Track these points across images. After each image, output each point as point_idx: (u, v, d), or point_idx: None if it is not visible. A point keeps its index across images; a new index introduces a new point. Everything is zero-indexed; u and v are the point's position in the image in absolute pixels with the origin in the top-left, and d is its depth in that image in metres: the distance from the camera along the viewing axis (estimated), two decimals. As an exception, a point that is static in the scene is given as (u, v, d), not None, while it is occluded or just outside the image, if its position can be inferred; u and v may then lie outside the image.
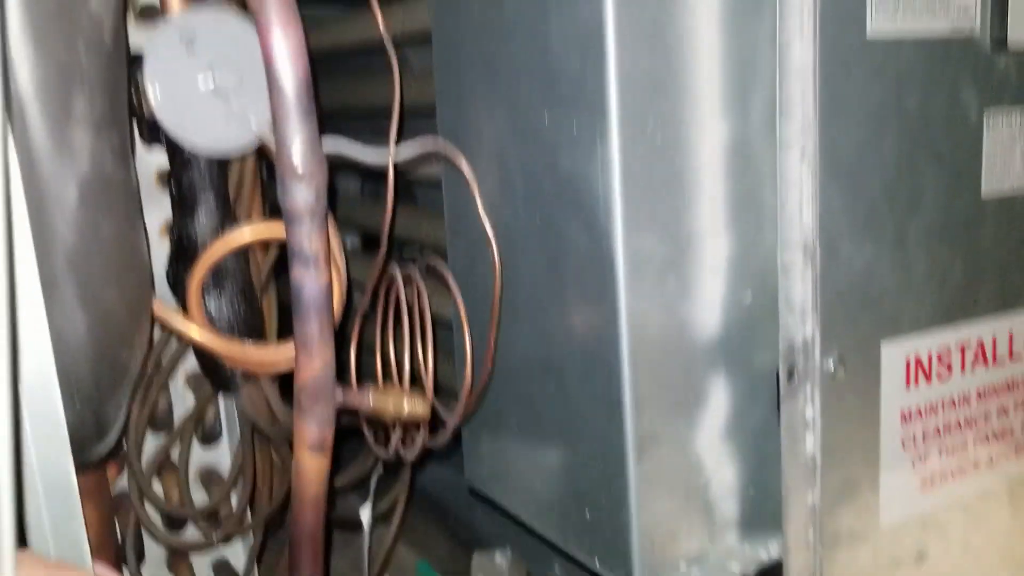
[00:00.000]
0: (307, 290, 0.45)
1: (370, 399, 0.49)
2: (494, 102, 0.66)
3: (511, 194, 0.65)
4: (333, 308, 0.49)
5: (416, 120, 0.81)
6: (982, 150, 0.66)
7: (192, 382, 0.77)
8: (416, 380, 0.62)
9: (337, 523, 1.01)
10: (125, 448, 0.72)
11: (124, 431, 0.66)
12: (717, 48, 0.58)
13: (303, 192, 0.44)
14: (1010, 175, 0.67)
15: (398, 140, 0.64)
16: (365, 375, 0.66)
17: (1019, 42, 0.65)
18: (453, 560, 1.03)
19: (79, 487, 0.41)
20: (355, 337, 0.63)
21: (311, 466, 0.47)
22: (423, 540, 1.13)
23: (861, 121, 0.60)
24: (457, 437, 0.69)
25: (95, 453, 0.57)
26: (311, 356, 0.46)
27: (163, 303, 0.57)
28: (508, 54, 0.63)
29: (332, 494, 0.49)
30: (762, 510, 0.65)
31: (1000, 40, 0.64)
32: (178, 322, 0.56)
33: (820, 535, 0.63)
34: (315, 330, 0.46)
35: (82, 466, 0.55)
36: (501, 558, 0.93)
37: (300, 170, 0.43)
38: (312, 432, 0.46)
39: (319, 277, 0.45)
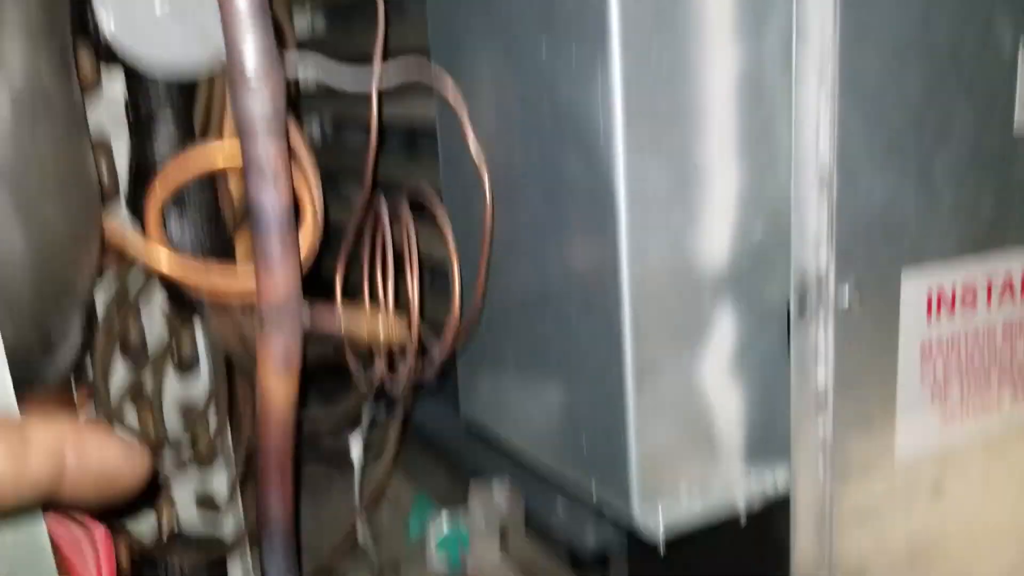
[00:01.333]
0: (265, 206, 0.44)
1: (341, 322, 0.49)
2: (489, 33, 0.63)
3: (508, 127, 0.63)
4: (296, 225, 0.48)
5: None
6: (1016, 83, 0.62)
7: (167, 309, 0.77)
8: (404, 314, 0.62)
9: (332, 459, 1.03)
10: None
11: (90, 357, 0.67)
12: (729, -32, 0.55)
13: (256, 101, 0.43)
14: (1048, 105, 0.63)
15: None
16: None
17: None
18: (452, 493, 1.05)
19: (42, 411, 0.41)
20: (340, 270, 0.62)
21: (277, 388, 0.47)
22: (421, 475, 1.15)
23: (885, 48, 0.57)
24: (449, 371, 0.70)
25: (45, 371, 0.57)
26: (272, 275, 0.45)
27: (120, 226, 0.57)
28: (504, -19, 0.61)
29: (301, 418, 0.49)
30: (769, 441, 0.65)
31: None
32: (135, 244, 0.56)
33: (830, 467, 0.63)
34: (276, 248, 0.45)
35: (38, 385, 0.56)
36: (498, 488, 0.95)
37: (252, 78, 0.42)
38: (276, 353, 0.46)
39: (278, 192, 0.44)
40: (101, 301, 0.70)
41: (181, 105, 0.61)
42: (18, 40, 0.46)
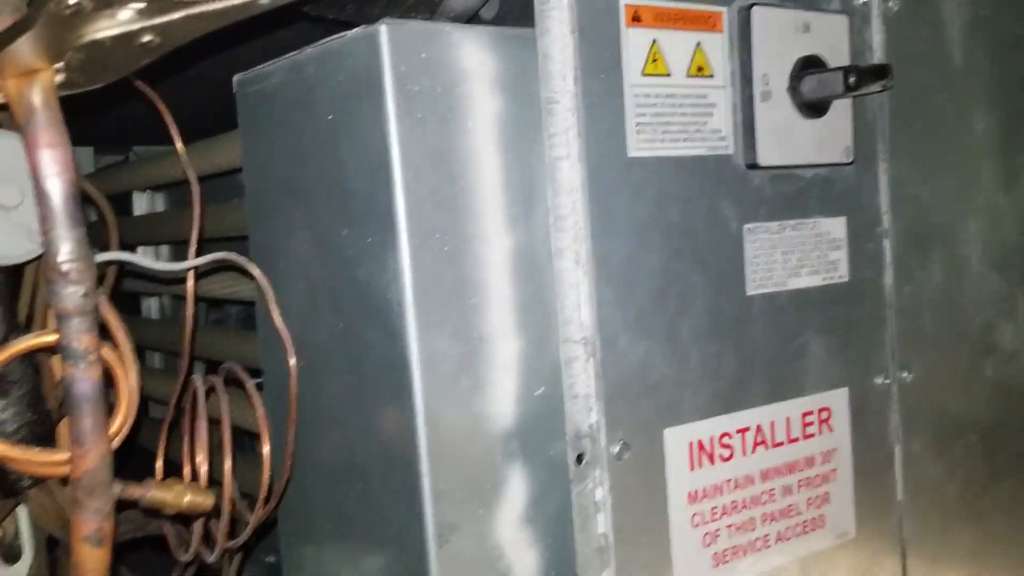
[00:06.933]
0: (77, 386, 0.48)
1: (150, 491, 0.51)
2: (298, 222, 0.71)
3: (316, 306, 0.70)
4: (106, 403, 0.52)
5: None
6: (744, 256, 0.74)
7: None
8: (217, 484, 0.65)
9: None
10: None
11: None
12: (498, 167, 0.65)
13: (71, 293, 0.47)
14: (772, 278, 0.76)
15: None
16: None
17: (770, 162, 0.75)
18: None
19: None
20: (162, 447, 0.65)
21: (89, 558, 0.48)
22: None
23: (628, 231, 0.68)
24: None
25: None
26: (85, 450, 0.49)
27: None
28: (307, 177, 0.69)
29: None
30: (567, 594, 0.69)
31: (752, 161, 0.73)
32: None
33: (619, 616, 0.68)
34: (88, 425, 0.49)
35: None
36: None
37: (68, 273, 0.47)
38: (89, 525, 0.48)
39: (89, 373, 0.49)
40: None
41: (6, 298, 0.64)
42: None
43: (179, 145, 0.67)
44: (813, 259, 0.79)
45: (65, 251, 0.46)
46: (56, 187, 0.46)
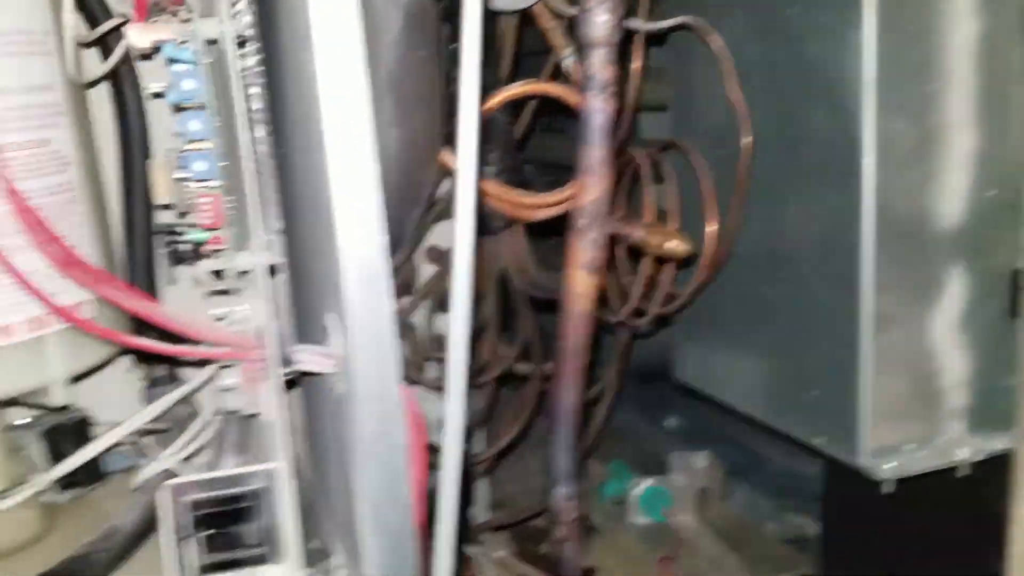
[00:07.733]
0: (595, 117, 0.50)
1: (638, 231, 0.53)
2: (733, 2, 0.69)
3: (748, 87, 0.68)
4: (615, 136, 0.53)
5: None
6: None
7: (432, 255, 0.84)
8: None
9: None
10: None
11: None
12: (973, -60, 0.59)
13: (603, 22, 0.48)
14: None
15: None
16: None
17: None
18: (644, 464, 1.08)
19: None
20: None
21: (582, 284, 0.51)
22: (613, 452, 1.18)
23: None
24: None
25: None
26: (594, 180, 0.51)
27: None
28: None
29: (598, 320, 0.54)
30: (991, 404, 0.66)
31: None
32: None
33: (1053, 432, 0.64)
34: (600, 155, 0.50)
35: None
36: (699, 457, 0.97)
37: (602, 2, 0.48)
38: (586, 252, 0.51)
39: (608, 105, 0.50)
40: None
41: (490, 48, 0.67)
42: None
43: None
44: None
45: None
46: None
